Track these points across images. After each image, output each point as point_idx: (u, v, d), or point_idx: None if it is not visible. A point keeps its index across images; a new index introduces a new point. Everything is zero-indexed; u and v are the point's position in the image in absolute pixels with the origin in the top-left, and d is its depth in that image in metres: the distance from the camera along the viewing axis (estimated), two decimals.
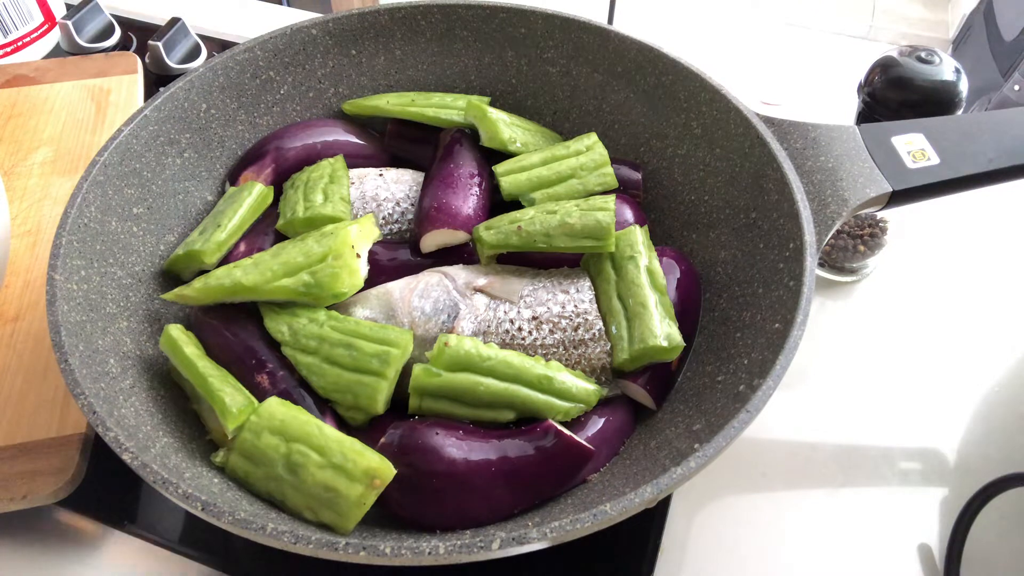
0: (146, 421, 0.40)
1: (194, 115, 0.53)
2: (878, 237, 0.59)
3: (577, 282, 0.46)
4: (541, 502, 0.41)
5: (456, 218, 0.48)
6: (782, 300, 0.42)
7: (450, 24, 0.58)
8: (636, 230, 0.48)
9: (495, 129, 0.53)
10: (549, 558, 0.45)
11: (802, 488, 0.50)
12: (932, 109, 0.52)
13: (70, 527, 0.47)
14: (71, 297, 0.42)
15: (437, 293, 0.46)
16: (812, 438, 0.52)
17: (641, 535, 0.46)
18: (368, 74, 0.59)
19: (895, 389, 0.55)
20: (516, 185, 0.51)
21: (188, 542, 0.46)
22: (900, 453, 0.52)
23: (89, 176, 0.46)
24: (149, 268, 0.49)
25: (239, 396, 0.41)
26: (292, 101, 0.58)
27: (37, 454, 0.45)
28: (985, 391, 0.55)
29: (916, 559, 0.47)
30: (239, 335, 0.44)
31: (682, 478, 0.34)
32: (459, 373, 0.41)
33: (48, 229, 0.58)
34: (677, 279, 0.48)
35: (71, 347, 0.39)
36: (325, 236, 0.45)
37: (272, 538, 0.33)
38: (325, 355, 0.43)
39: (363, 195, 0.52)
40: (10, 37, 0.74)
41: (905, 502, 0.49)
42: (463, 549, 0.32)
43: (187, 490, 0.34)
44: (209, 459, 0.41)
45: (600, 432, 0.43)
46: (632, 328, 0.44)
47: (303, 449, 0.38)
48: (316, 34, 0.56)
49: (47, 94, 0.68)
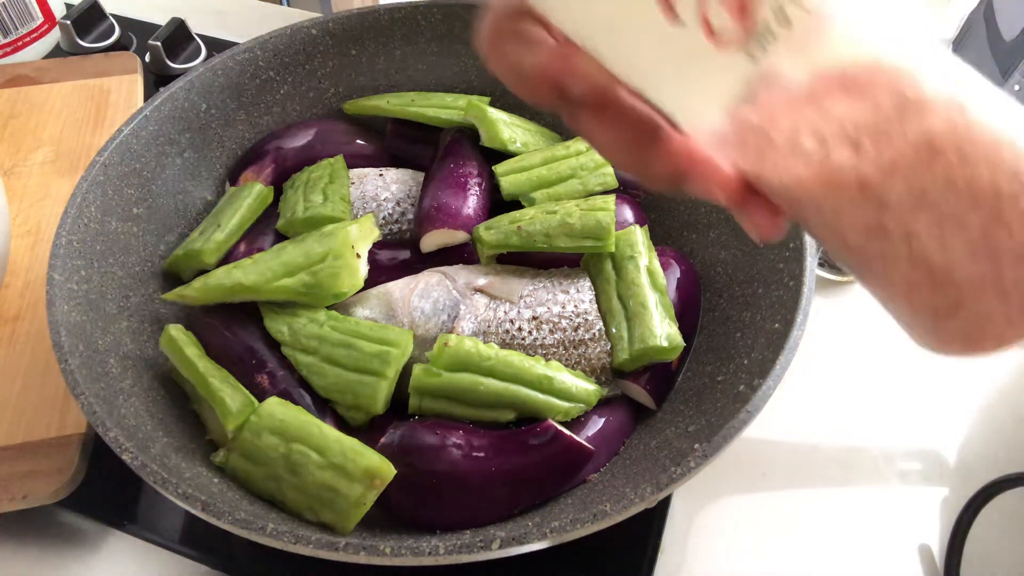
0: (146, 421, 0.40)
1: (194, 115, 0.53)
2: None
3: (577, 282, 0.46)
4: (541, 502, 0.41)
5: (456, 218, 0.48)
6: (782, 300, 0.42)
7: (450, 24, 0.58)
8: (636, 230, 0.48)
9: (495, 129, 0.53)
10: (549, 558, 0.45)
11: (802, 488, 0.50)
12: None
13: (70, 527, 0.47)
14: (71, 297, 0.42)
15: (437, 293, 0.46)
16: (812, 438, 0.52)
17: (641, 535, 0.46)
18: (368, 74, 0.59)
19: (895, 389, 0.55)
20: (516, 185, 0.51)
21: (188, 542, 0.46)
22: (900, 453, 0.52)
23: (89, 176, 0.46)
24: (149, 268, 0.49)
25: (239, 396, 0.41)
26: (292, 101, 0.58)
27: (37, 454, 0.45)
28: (985, 391, 0.55)
29: (916, 559, 0.47)
30: (239, 335, 0.44)
31: (682, 478, 0.34)
32: (459, 373, 0.41)
33: (48, 229, 0.58)
34: (677, 279, 0.48)
35: (71, 347, 0.39)
36: (325, 236, 0.45)
37: (272, 538, 0.33)
38: (325, 355, 0.43)
39: (363, 195, 0.52)
40: (10, 37, 0.74)
41: (905, 502, 0.49)
42: (463, 549, 0.32)
43: (187, 490, 0.34)
44: (209, 459, 0.41)
45: (600, 432, 0.43)
46: (632, 328, 0.44)
47: (303, 449, 0.38)
48: (316, 34, 0.56)
49: (47, 94, 0.68)
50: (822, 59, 0.19)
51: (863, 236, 0.20)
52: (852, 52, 0.19)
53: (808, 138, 0.20)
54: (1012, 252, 0.19)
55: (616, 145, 0.23)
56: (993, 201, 0.19)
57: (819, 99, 0.20)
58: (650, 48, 0.19)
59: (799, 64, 0.19)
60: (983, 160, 0.19)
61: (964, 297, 0.20)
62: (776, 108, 0.20)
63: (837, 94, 0.19)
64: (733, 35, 0.19)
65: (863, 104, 0.19)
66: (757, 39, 0.19)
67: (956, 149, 0.19)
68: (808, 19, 0.19)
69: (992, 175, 0.19)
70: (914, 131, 0.19)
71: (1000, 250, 0.19)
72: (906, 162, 0.19)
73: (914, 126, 0.19)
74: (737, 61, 0.19)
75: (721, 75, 0.19)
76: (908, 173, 0.19)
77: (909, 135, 0.19)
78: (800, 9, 0.19)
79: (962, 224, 0.19)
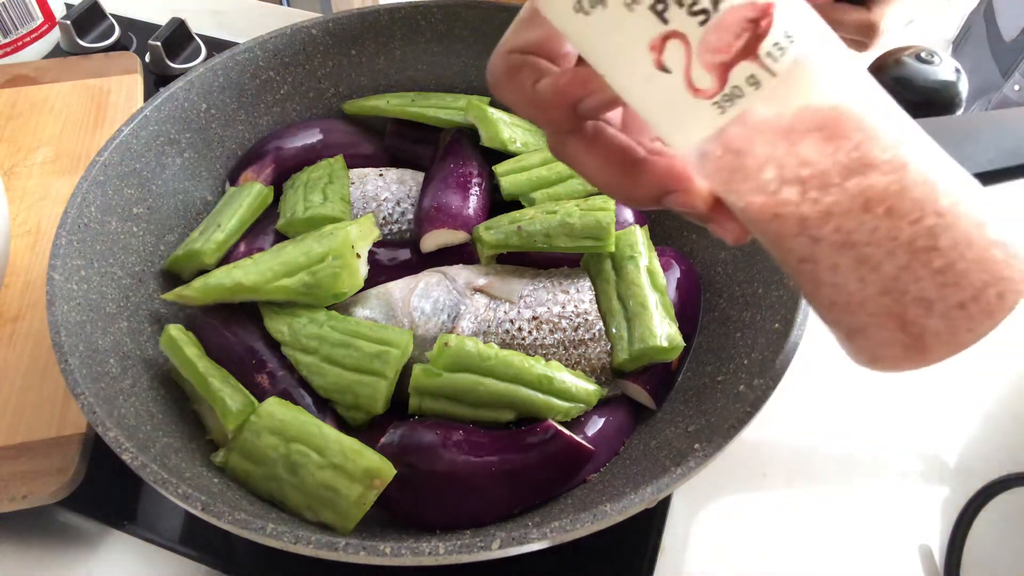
0: (146, 421, 0.40)
1: (194, 115, 0.53)
2: None
3: (577, 282, 0.46)
4: (541, 502, 0.41)
5: (456, 218, 0.48)
6: (782, 300, 0.42)
7: (450, 24, 0.58)
8: (636, 230, 0.48)
9: (495, 129, 0.53)
10: (549, 558, 0.45)
11: (802, 488, 0.50)
12: (932, 109, 0.52)
13: (70, 527, 0.47)
14: (71, 297, 0.42)
15: (437, 293, 0.46)
16: (812, 438, 0.52)
17: (641, 535, 0.46)
18: (368, 74, 0.59)
19: (895, 389, 0.55)
20: (516, 185, 0.51)
21: (188, 542, 0.46)
22: (900, 453, 0.52)
23: (89, 176, 0.46)
24: (149, 268, 0.49)
25: (239, 396, 0.41)
26: (292, 101, 0.58)
27: (37, 454, 0.45)
28: (985, 391, 0.55)
29: (916, 559, 0.47)
30: (239, 335, 0.44)
31: (682, 478, 0.34)
32: (459, 373, 0.41)
33: (48, 229, 0.58)
34: (677, 279, 0.48)
35: (71, 347, 0.39)
36: (325, 236, 0.45)
37: (272, 538, 0.33)
38: (325, 355, 0.43)
39: (363, 195, 0.52)
40: (10, 37, 0.74)
41: (905, 502, 0.49)
42: (463, 549, 0.32)
43: (187, 490, 0.34)
44: (209, 459, 0.41)
45: (600, 432, 0.43)
46: (632, 328, 0.44)
47: (303, 449, 0.38)
48: (316, 34, 0.56)
49: (47, 94, 0.68)
50: (792, 105, 0.23)
51: (797, 261, 0.24)
52: (822, 100, 0.23)
53: (769, 170, 0.23)
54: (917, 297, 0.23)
55: (604, 168, 0.27)
56: (908, 254, 0.23)
57: (796, 135, 0.23)
58: (644, 81, 0.22)
59: (770, 107, 0.23)
60: (906, 217, 0.22)
61: (870, 324, 0.24)
62: (749, 139, 0.23)
63: (808, 135, 0.23)
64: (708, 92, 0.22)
65: (824, 149, 0.23)
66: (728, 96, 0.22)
67: (886, 207, 0.22)
68: (775, 81, 0.22)
69: (912, 231, 0.22)
70: (855, 186, 0.23)
71: (907, 294, 0.23)
72: (840, 210, 0.23)
73: (856, 181, 0.23)
74: (713, 110, 0.23)
75: (700, 113, 0.23)
76: (840, 219, 0.23)
77: (849, 188, 0.23)
78: (769, 75, 0.22)
79: (877, 268, 0.23)
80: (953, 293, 0.23)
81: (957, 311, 0.23)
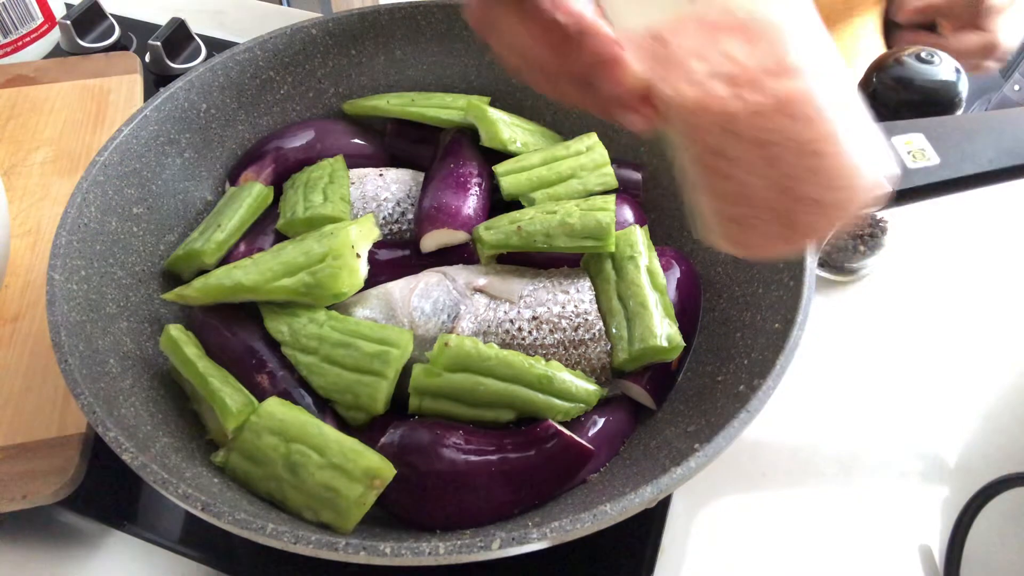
0: (146, 421, 0.40)
1: (194, 115, 0.53)
2: (878, 237, 0.59)
3: (577, 282, 0.46)
4: (541, 502, 0.41)
5: (456, 218, 0.48)
6: (782, 300, 0.42)
7: (450, 24, 0.58)
8: (636, 230, 0.48)
9: (495, 129, 0.53)
10: (549, 558, 0.45)
11: (802, 488, 0.50)
12: (932, 109, 0.52)
13: (70, 527, 0.47)
14: (71, 297, 0.42)
15: (437, 293, 0.46)
16: (812, 438, 0.52)
17: (641, 535, 0.46)
18: (368, 74, 0.59)
19: (895, 389, 0.55)
20: (516, 185, 0.51)
21: (188, 542, 0.46)
22: (900, 453, 0.52)
23: (89, 176, 0.46)
24: (149, 268, 0.49)
25: (239, 396, 0.41)
26: (292, 101, 0.58)
27: (37, 454, 0.45)
28: (985, 391, 0.55)
29: (916, 559, 0.47)
30: (239, 335, 0.44)
31: (682, 478, 0.34)
32: (459, 373, 0.41)
33: (48, 229, 0.58)
34: (677, 279, 0.48)
35: (71, 347, 0.39)
36: (325, 236, 0.45)
37: (272, 538, 0.33)
38: (325, 355, 0.43)
39: (363, 195, 0.52)
40: (10, 37, 0.74)
41: (905, 502, 0.49)
42: (463, 549, 0.32)
43: (187, 490, 0.34)
44: (209, 459, 0.41)
45: (600, 432, 0.43)
46: (632, 328, 0.44)
47: (303, 449, 0.38)
48: (316, 34, 0.56)
49: (47, 94, 0.68)
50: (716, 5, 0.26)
51: (711, 153, 0.27)
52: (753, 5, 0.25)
53: (700, 63, 0.26)
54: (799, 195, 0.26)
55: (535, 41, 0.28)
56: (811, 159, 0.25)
57: (720, 33, 0.25)
58: None
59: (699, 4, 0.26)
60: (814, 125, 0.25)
61: (754, 215, 0.27)
62: (685, 31, 0.26)
63: (735, 34, 0.25)
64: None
65: (750, 50, 0.25)
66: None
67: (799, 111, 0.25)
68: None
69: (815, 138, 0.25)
70: (777, 88, 0.25)
71: (791, 191, 0.26)
72: (765, 110, 0.25)
73: (777, 84, 0.25)
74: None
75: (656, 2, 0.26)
76: (759, 118, 0.25)
77: (771, 89, 0.25)
78: None
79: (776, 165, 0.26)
80: (827, 193, 0.26)
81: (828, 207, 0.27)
